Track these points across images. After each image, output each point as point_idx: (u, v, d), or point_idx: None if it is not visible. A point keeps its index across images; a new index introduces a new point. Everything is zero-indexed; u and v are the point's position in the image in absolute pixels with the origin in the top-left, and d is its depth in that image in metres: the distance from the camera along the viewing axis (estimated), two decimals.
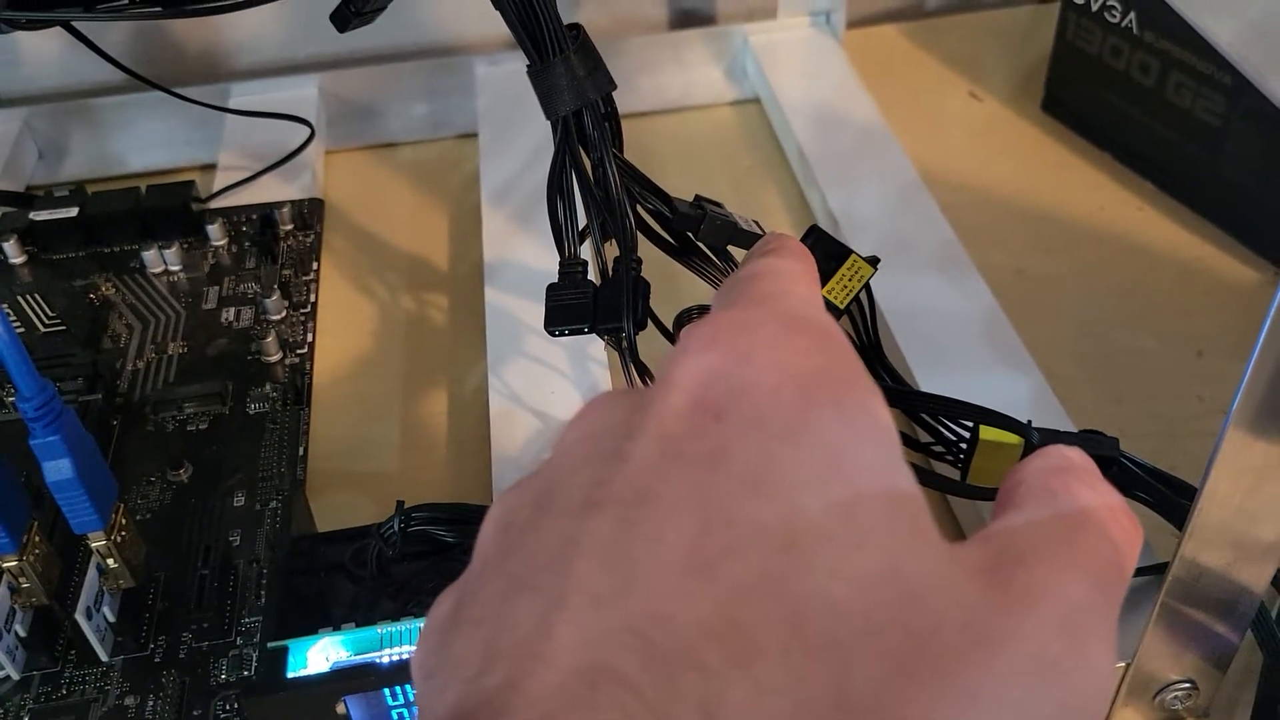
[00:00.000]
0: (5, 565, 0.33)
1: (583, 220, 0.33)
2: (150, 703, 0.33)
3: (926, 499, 0.17)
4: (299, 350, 0.45)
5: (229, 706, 0.33)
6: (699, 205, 0.33)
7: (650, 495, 0.16)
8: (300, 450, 0.41)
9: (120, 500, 0.35)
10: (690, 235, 0.33)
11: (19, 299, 0.45)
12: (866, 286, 0.33)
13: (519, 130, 0.54)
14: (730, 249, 0.33)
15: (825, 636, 0.14)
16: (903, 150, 0.52)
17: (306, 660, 0.30)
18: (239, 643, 0.35)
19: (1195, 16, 0.25)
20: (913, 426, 0.35)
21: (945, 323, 0.43)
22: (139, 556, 0.36)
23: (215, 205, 0.52)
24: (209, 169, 0.55)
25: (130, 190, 0.51)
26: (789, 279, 0.21)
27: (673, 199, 0.33)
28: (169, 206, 0.50)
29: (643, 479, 0.16)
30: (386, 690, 0.30)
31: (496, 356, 0.43)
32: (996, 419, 0.33)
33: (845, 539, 0.15)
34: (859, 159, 0.52)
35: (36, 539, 0.34)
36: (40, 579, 0.34)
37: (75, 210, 0.50)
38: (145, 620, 0.35)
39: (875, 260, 0.33)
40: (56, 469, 0.31)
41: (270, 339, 0.45)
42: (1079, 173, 0.54)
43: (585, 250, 0.34)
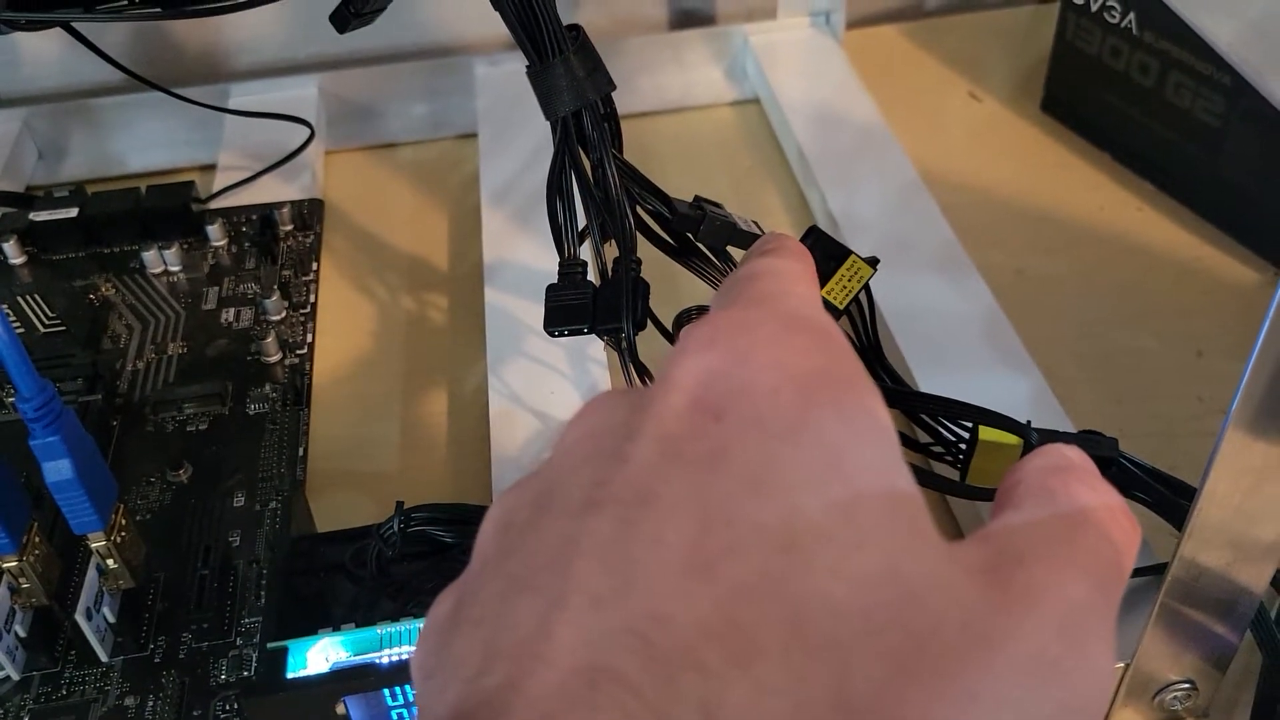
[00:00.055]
0: (5, 565, 0.33)
1: (582, 221, 0.33)
2: (150, 703, 0.33)
3: (926, 499, 0.17)
4: (299, 351, 0.45)
5: (229, 707, 0.33)
6: (698, 206, 0.33)
7: (650, 496, 0.16)
8: (300, 450, 0.41)
9: (120, 501, 0.35)
10: (690, 236, 0.33)
11: (19, 299, 0.45)
12: (866, 287, 0.33)
13: (519, 131, 0.54)
14: (730, 250, 0.33)
15: (825, 636, 0.14)
16: (902, 150, 0.52)
17: (306, 661, 0.30)
18: (239, 643, 0.35)
19: (1194, 17, 0.25)
20: (912, 427, 0.35)
21: (945, 323, 0.43)
22: (139, 557, 0.36)
23: (215, 206, 0.52)
24: (209, 169, 0.55)
25: (130, 191, 0.51)
26: (788, 279, 0.21)
27: (672, 200, 0.33)
28: (169, 207, 0.50)
29: (642, 479, 0.16)
30: (386, 691, 0.30)
31: (496, 357, 0.43)
32: (996, 419, 0.33)
33: (845, 539, 0.15)
34: (859, 159, 0.52)
35: (36, 539, 0.34)
36: (40, 579, 0.34)
37: (75, 211, 0.50)
38: (145, 621, 0.35)
39: (874, 261, 0.33)
40: (56, 469, 0.31)
41: (270, 339, 0.45)
42: (1078, 173, 0.54)
43: (585, 251, 0.34)
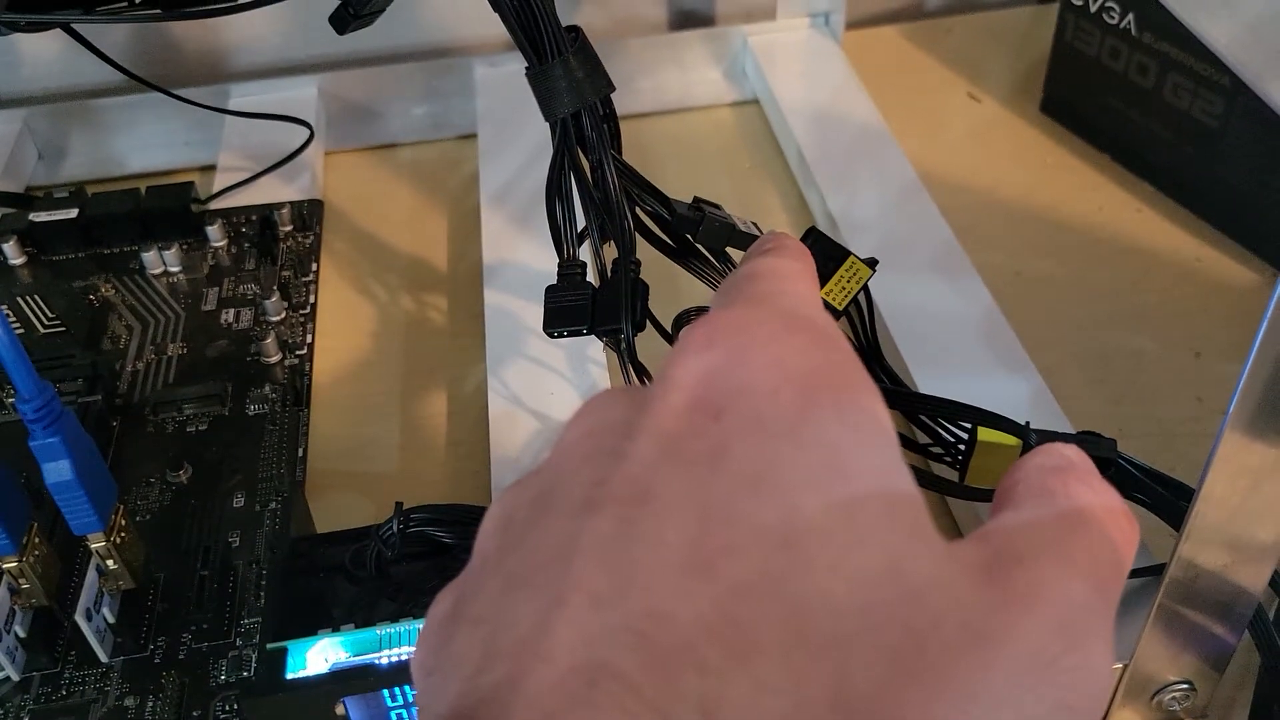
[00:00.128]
0: (5, 566, 0.33)
1: (582, 222, 0.33)
2: (150, 704, 0.33)
3: (925, 500, 0.17)
4: (298, 351, 0.45)
5: (228, 707, 0.33)
6: (698, 207, 0.33)
7: (649, 494, 0.16)
8: (300, 451, 0.41)
9: (120, 501, 0.35)
10: (689, 237, 0.33)
11: (19, 300, 0.45)
12: (865, 288, 0.33)
13: (518, 131, 0.54)
14: (729, 251, 0.33)
15: (825, 635, 0.14)
16: (901, 151, 0.52)
17: (305, 661, 0.30)
18: (238, 644, 0.35)
19: (1192, 19, 0.26)
20: (911, 428, 0.35)
21: (943, 324, 0.43)
22: (139, 558, 0.36)
23: (215, 206, 0.52)
24: (209, 170, 0.55)
25: (130, 191, 0.51)
26: (787, 278, 0.21)
27: (671, 201, 0.33)
28: (169, 207, 0.50)
29: (642, 478, 0.16)
30: (385, 691, 0.30)
31: (496, 358, 0.43)
32: (994, 420, 0.33)
33: (845, 538, 0.15)
34: (858, 160, 0.52)
35: (36, 540, 0.34)
36: (40, 580, 0.34)
37: (75, 211, 0.50)
38: (145, 621, 0.35)
39: (873, 262, 0.33)
40: (56, 470, 0.31)
41: (270, 340, 0.45)
42: (1077, 174, 0.55)
43: (584, 252, 0.34)
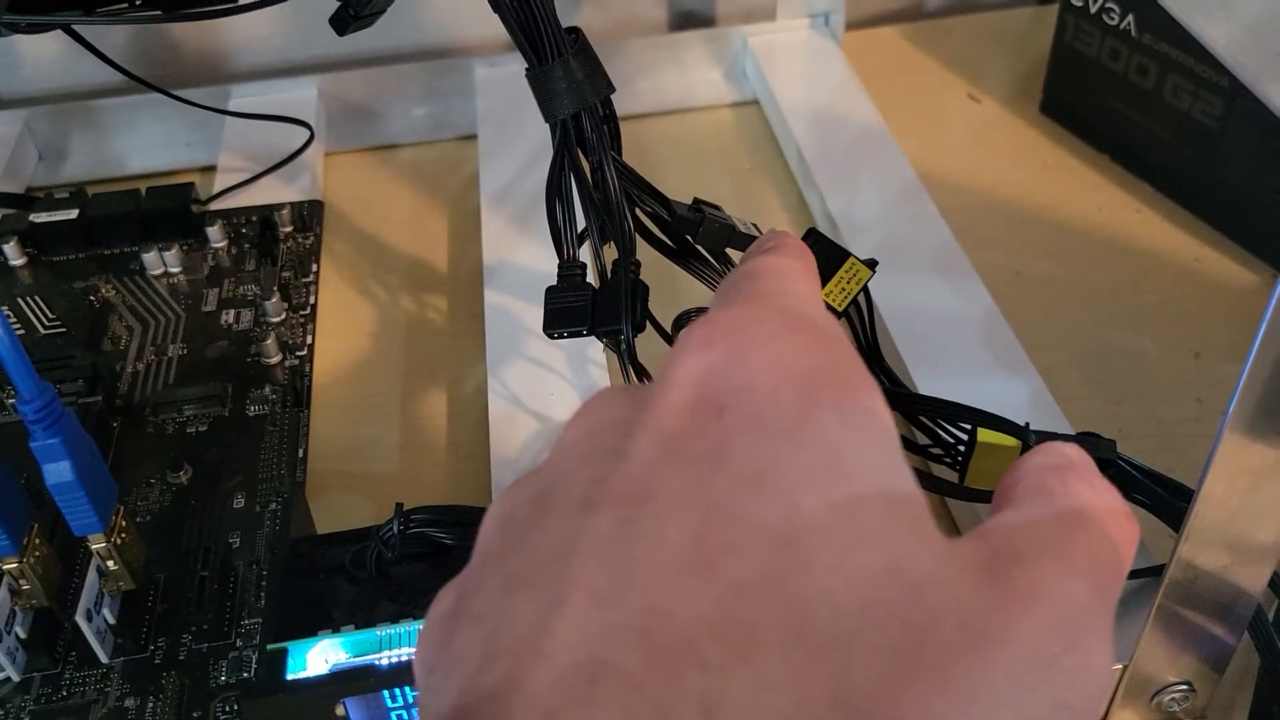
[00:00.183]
0: (6, 567, 0.33)
1: (582, 223, 0.33)
2: (150, 704, 0.33)
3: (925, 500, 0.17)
4: (298, 352, 0.45)
5: (228, 708, 0.33)
6: (697, 208, 0.33)
7: (650, 493, 0.16)
8: (300, 452, 0.41)
9: (120, 502, 0.35)
10: (689, 238, 0.33)
11: (19, 301, 0.45)
12: (865, 289, 0.33)
13: (518, 132, 0.54)
14: (729, 252, 0.33)
15: (825, 633, 0.14)
16: (901, 152, 0.52)
17: (306, 662, 0.30)
18: (239, 644, 0.35)
19: (1191, 20, 0.26)
20: (911, 429, 0.35)
21: (943, 325, 0.43)
22: (139, 559, 0.36)
23: (215, 207, 0.52)
24: (209, 171, 0.56)
25: (130, 192, 0.51)
26: (788, 277, 0.21)
27: (671, 202, 0.33)
28: (169, 208, 0.50)
29: (642, 477, 0.16)
30: (386, 692, 0.30)
31: (496, 358, 0.43)
32: (994, 421, 0.33)
33: (845, 537, 0.15)
34: (858, 161, 0.52)
35: (37, 541, 0.34)
36: (41, 581, 0.34)
37: (75, 212, 0.50)
38: (145, 622, 0.35)
39: (873, 263, 0.33)
40: (57, 471, 0.31)
41: (270, 341, 0.45)
42: (1077, 174, 0.55)
43: (584, 253, 0.34)
